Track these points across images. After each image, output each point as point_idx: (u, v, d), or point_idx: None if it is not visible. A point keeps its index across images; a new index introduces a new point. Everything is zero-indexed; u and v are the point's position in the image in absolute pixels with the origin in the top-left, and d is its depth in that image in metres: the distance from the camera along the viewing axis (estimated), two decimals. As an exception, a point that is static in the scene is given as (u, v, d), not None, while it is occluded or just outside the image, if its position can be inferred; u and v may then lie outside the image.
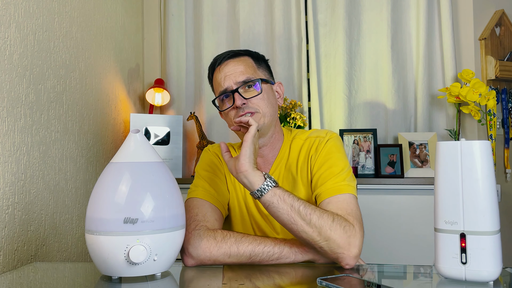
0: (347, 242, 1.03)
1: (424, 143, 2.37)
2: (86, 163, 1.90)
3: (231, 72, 1.23)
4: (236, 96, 1.20)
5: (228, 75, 1.23)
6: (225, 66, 1.25)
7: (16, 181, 1.42)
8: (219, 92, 1.25)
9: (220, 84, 1.24)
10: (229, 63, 1.25)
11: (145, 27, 2.68)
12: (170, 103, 2.61)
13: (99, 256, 0.94)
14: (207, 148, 1.37)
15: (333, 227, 1.03)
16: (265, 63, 1.33)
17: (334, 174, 1.18)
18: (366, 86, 2.52)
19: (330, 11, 2.55)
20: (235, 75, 1.23)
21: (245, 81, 1.22)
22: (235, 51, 1.29)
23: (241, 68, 1.24)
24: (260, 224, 1.28)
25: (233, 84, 1.22)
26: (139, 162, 0.97)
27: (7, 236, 1.36)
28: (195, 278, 1.03)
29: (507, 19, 2.56)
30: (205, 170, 1.29)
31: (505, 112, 2.53)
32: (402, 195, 2.23)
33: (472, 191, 0.88)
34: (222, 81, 1.24)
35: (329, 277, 0.92)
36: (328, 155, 1.22)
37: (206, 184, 1.25)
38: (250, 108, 1.21)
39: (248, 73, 1.24)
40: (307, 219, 1.02)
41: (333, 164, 1.20)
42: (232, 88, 1.22)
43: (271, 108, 1.25)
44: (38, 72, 1.55)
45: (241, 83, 1.22)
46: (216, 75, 1.28)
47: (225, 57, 1.27)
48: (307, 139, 1.29)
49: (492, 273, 0.88)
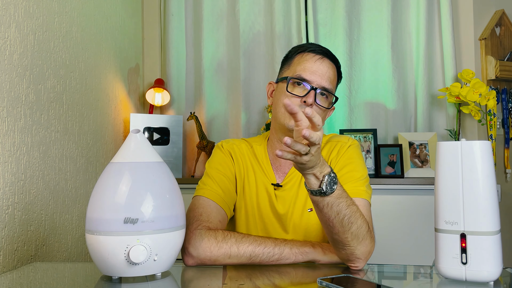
0: (368, 251, 1.06)
1: (424, 143, 2.37)
2: (86, 163, 1.90)
3: (323, 72, 1.23)
4: (311, 95, 1.20)
5: (318, 73, 1.22)
6: (321, 61, 1.24)
7: (16, 181, 1.42)
8: (300, 76, 1.22)
9: (306, 71, 1.22)
10: (325, 62, 1.24)
11: (145, 27, 2.68)
12: (170, 103, 2.61)
13: (99, 256, 0.94)
14: (220, 145, 1.34)
15: (366, 236, 1.04)
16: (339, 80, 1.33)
17: (355, 178, 1.20)
18: (366, 86, 2.52)
19: (330, 11, 2.55)
20: (325, 78, 1.22)
21: (328, 90, 1.23)
22: (333, 55, 1.28)
23: (331, 75, 1.24)
24: (268, 224, 1.28)
25: (317, 83, 1.21)
26: (139, 162, 0.97)
27: (7, 236, 1.36)
28: (195, 278, 1.03)
29: (507, 19, 2.56)
30: (215, 168, 1.28)
31: (505, 112, 2.53)
32: (402, 195, 2.23)
33: (472, 191, 0.88)
34: (311, 71, 1.22)
35: (329, 277, 0.92)
36: (350, 159, 1.24)
37: (214, 184, 1.25)
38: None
39: (332, 85, 1.25)
40: (346, 228, 1.01)
41: (353, 169, 1.22)
42: (315, 85, 1.21)
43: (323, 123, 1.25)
44: (38, 72, 1.55)
45: (323, 89, 1.22)
46: (306, 59, 1.24)
47: (324, 52, 1.25)
48: (328, 142, 1.30)
49: (492, 273, 0.88)
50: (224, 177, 1.27)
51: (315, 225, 1.25)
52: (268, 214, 1.28)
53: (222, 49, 2.62)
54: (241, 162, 1.30)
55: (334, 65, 1.27)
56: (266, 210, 1.28)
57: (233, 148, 1.32)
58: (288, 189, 1.27)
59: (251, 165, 1.30)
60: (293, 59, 1.27)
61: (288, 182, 1.27)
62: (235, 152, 1.31)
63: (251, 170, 1.30)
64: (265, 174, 1.29)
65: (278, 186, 1.27)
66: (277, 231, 1.27)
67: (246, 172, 1.30)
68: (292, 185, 1.27)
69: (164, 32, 2.65)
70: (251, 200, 1.28)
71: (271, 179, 1.28)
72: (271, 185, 1.28)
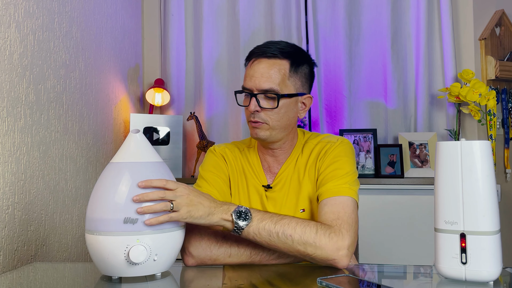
0: (335, 248, 1.03)
1: (424, 143, 2.37)
2: (86, 163, 1.90)
3: (258, 75, 1.18)
4: (252, 102, 1.17)
5: (255, 77, 1.18)
6: (257, 64, 1.19)
7: (16, 181, 1.42)
8: (242, 86, 1.21)
9: (245, 80, 1.21)
10: (261, 62, 1.19)
11: (145, 27, 2.68)
12: (170, 103, 2.61)
13: (99, 256, 0.94)
14: (212, 149, 1.35)
15: (317, 239, 1.03)
16: (306, 69, 1.24)
17: (337, 176, 1.18)
18: (366, 86, 2.52)
19: (330, 11, 2.55)
20: (261, 80, 1.17)
21: (267, 90, 1.17)
22: (276, 50, 1.19)
23: (269, 74, 1.17)
24: None
25: (255, 88, 1.18)
26: (139, 162, 0.97)
27: (7, 236, 1.36)
28: (195, 278, 1.03)
29: (507, 19, 2.56)
30: (208, 170, 1.29)
31: (505, 112, 2.53)
32: (402, 195, 2.23)
33: (472, 191, 0.88)
34: (248, 79, 1.20)
35: (329, 277, 0.92)
36: (336, 157, 1.23)
37: (209, 185, 1.25)
38: (260, 118, 1.19)
39: (274, 83, 1.17)
40: (289, 241, 1.02)
41: (338, 167, 1.20)
42: (253, 91, 1.18)
43: (286, 121, 1.22)
44: (38, 72, 1.55)
45: (262, 91, 1.17)
46: (248, 66, 1.22)
47: (262, 53, 1.20)
48: (319, 142, 1.29)
49: (492, 273, 0.88)
50: (218, 178, 1.27)
51: None
52: None
53: (222, 49, 2.62)
54: (234, 165, 1.31)
55: (280, 59, 1.19)
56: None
57: (226, 152, 1.32)
58: (277, 190, 1.27)
59: (243, 168, 1.30)
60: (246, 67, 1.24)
61: (278, 183, 1.27)
62: (227, 155, 1.31)
63: (243, 173, 1.30)
64: (256, 176, 1.29)
65: (268, 188, 1.27)
66: None
67: (239, 175, 1.30)
68: (281, 186, 1.27)
69: (164, 32, 2.65)
70: (245, 203, 1.29)
71: (262, 181, 1.29)
72: (261, 187, 1.28)
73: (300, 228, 1.03)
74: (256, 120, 1.19)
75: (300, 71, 1.22)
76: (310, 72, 1.26)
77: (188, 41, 2.62)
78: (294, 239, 1.02)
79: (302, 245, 1.02)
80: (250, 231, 1.02)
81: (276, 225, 1.03)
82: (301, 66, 1.22)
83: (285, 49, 1.20)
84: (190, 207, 0.97)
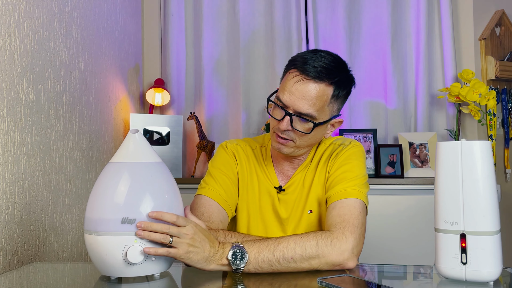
0: (339, 253, 1.03)
1: (424, 143, 2.37)
2: (86, 163, 1.90)
3: (299, 95, 1.12)
4: (285, 120, 1.13)
5: (295, 97, 1.12)
6: (302, 83, 1.12)
7: (16, 181, 1.42)
8: (279, 97, 1.15)
9: (283, 91, 1.14)
10: (307, 84, 1.11)
11: (145, 27, 2.68)
12: (170, 103, 2.61)
13: (97, 256, 0.94)
14: (224, 145, 1.33)
15: (320, 250, 1.03)
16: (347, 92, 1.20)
17: (347, 179, 1.18)
18: (366, 86, 2.52)
19: (330, 11, 2.55)
20: (301, 102, 1.12)
21: (304, 115, 1.13)
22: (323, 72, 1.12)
23: (311, 99, 1.12)
24: (269, 227, 1.28)
25: (292, 108, 1.13)
26: (138, 162, 0.97)
27: (7, 236, 1.36)
28: (195, 278, 1.03)
29: (507, 19, 2.56)
30: (218, 168, 1.28)
31: (505, 112, 2.53)
32: (402, 195, 2.23)
33: (472, 191, 0.88)
34: (287, 93, 1.13)
35: (329, 277, 0.92)
36: (346, 160, 1.22)
37: (217, 184, 1.25)
38: (288, 136, 1.16)
39: (313, 110, 1.12)
40: (292, 264, 1.02)
41: (348, 169, 1.20)
42: (289, 109, 1.13)
43: (313, 141, 1.20)
44: (38, 72, 1.55)
45: (298, 114, 1.13)
46: (290, 78, 1.14)
47: (310, 72, 1.12)
48: (331, 144, 1.28)
49: (492, 273, 0.88)
50: (226, 177, 1.27)
51: (314, 227, 1.25)
52: (270, 218, 1.28)
53: (222, 49, 2.62)
54: (244, 164, 1.30)
55: (326, 85, 1.13)
56: (269, 213, 1.28)
57: (238, 150, 1.31)
58: (290, 192, 1.27)
59: (254, 168, 1.30)
60: (286, 74, 1.18)
61: (291, 185, 1.27)
62: (239, 153, 1.31)
63: (254, 172, 1.29)
64: (268, 177, 1.28)
65: (281, 190, 1.27)
66: (276, 234, 1.27)
67: (249, 175, 1.29)
68: (294, 189, 1.27)
69: (164, 32, 2.65)
70: (253, 202, 1.28)
71: (274, 182, 1.28)
72: (274, 188, 1.27)
73: (300, 246, 1.03)
74: (284, 137, 1.17)
75: (340, 96, 1.18)
76: (348, 93, 1.21)
77: (188, 41, 2.62)
78: (296, 260, 1.02)
79: (306, 262, 1.02)
80: (250, 268, 1.01)
81: (274, 253, 1.01)
82: (341, 92, 1.17)
83: (332, 73, 1.14)
84: (190, 248, 0.95)
